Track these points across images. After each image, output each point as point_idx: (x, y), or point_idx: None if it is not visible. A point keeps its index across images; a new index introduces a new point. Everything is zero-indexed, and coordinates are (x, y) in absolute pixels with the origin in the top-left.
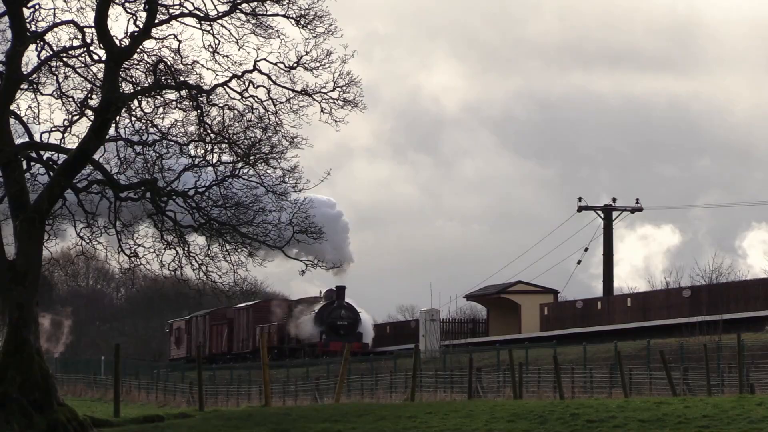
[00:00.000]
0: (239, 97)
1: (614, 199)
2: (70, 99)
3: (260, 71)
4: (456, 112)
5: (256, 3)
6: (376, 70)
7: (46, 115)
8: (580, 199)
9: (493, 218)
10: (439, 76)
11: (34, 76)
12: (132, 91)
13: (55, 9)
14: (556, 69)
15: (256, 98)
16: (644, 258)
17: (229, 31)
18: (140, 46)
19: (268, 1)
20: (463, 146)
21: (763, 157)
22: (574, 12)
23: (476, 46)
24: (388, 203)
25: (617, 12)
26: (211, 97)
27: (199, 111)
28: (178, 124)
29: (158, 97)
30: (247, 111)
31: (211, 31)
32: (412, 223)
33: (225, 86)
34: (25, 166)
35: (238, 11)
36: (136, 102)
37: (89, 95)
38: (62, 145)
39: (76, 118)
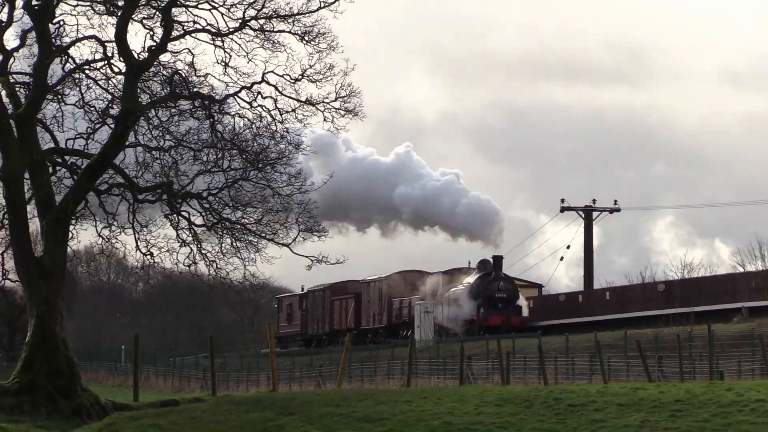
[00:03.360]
0: (248, 107)
1: (594, 201)
2: (93, 108)
3: (268, 83)
4: (434, 121)
5: (264, 20)
6: (356, 83)
7: (70, 123)
8: (562, 201)
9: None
10: (415, 89)
11: (59, 87)
12: (149, 101)
13: (78, 25)
14: (521, 81)
15: (264, 108)
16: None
17: (239, 45)
18: (157, 60)
19: (275, 19)
20: (441, 152)
21: (712, 162)
22: (532, 29)
23: (447, 61)
24: None
25: (572, 28)
26: (222, 106)
27: (211, 119)
28: (192, 131)
29: (174, 106)
30: (255, 119)
31: (222, 46)
32: None
33: (235, 96)
34: (51, 171)
35: (247, 27)
36: (153, 111)
37: (110, 105)
38: (85, 151)
39: (98, 126)
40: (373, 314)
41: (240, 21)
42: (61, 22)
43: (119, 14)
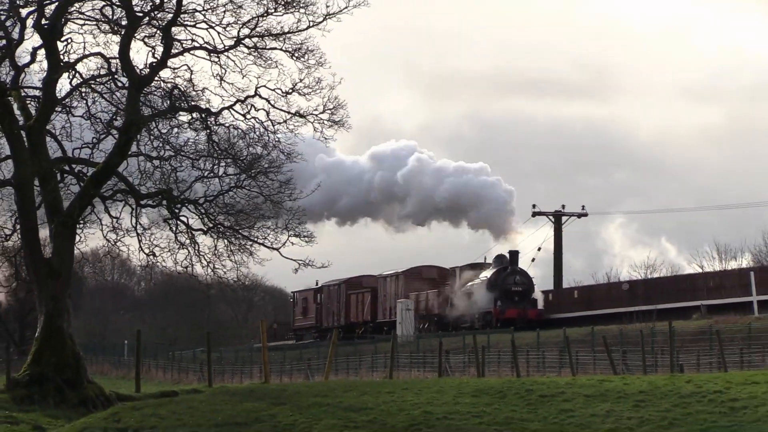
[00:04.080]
0: (242, 119)
1: (563, 206)
2: (98, 120)
3: (261, 96)
4: (412, 133)
5: (257, 38)
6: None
7: (77, 133)
8: (534, 206)
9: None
10: (395, 102)
11: (66, 100)
12: (151, 113)
13: (84, 42)
14: (493, 96)
15: (257, 119)
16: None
17: (234, 62)
18: (158, 75)
19: (267, 37)
20: None
21: (671, 170)
22: (503, 47)
23: (424, 77)
24: None
25: (540, 47)
26: (218, 118)
27: (208, 131)
28: (190, 141)
29: (173, 118)
30: (249, 130)
31: (218, 62)
32: None
33: (230, 109)
34: (59, 178)
35: (242, 45)
36: (154, 123)
37: (114, 117)
38: (91, 160)
39: (103, 136)
40: (389, 308)
41: (235, 39)
42: (69, 40)
43: (123, 33)
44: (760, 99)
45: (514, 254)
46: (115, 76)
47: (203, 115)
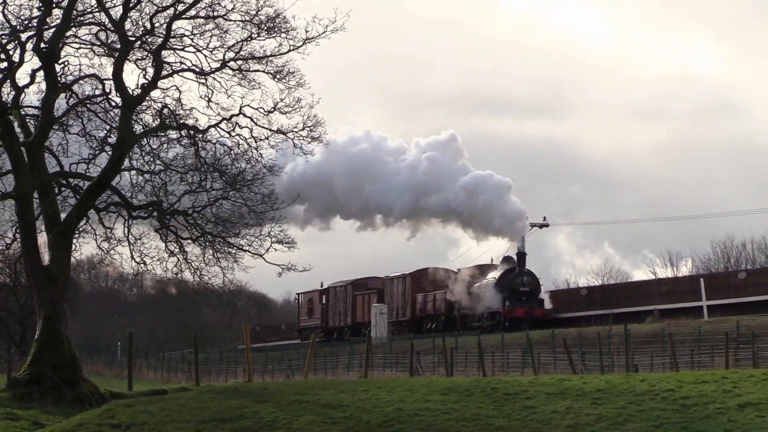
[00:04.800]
0: (228, 136)
1: (527, 216)
2: (93, 137)
3: (245, 115)
4: (387, 148)
5: (241, 61)
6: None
7: (73, 149)
8: None
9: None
10: (367, 119)
11: (63, 118)
12: (142, 131)
13: (80, 65)
14: (457, 114)
15: (241, 136)
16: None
17: (220, 83)
18: (149, 95)
19: (251, 60)
20: None
21: (623, 183)
22: (466, 69)
23: (394, 96)
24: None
25: (500, 69)
26: (205, 135)
27: (195, 147)
28: (179, 157)
29: (163, 135)
30: (234, 146)
31: (205, 83)
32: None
33: (216, 127)
34: (56, 191)
35: (227, 67)
36: (145, 140)
37: (108, 134)
38: (86, 174)
39: (97, 152)
40: (396, 308)
41: (221, 62)
42: (66, 63)
43: (116, 56)
44: (704, 118)
45: (522, 256)
46: (109, 96)
47: (191, 133)
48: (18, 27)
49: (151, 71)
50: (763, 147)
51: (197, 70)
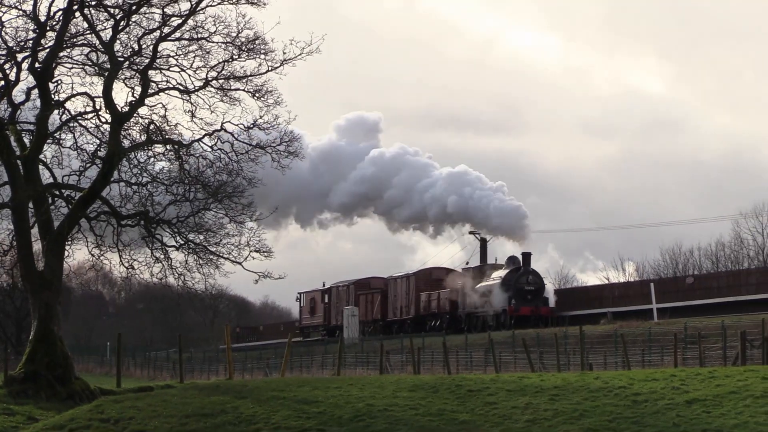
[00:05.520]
0: (210, 150)
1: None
2: (84, 151)
3: (226, 130)
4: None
5: (223, 80)
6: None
7: (66, 162)
8: (469, 226)
9: (383, 240)
10: (334, 135)
11: (57, 133)
12: (130, 145)
13: (72, 83)
14: (419, 130)
15: (223, 150)
16: None
17: (203, 100)
18: (136, 112)
19: (232, 79)
20: None
21: (574, 195)
22: (427, 87)
23: (358, 105)
24: None
25: (459, 87)
26: (189, 149)
27: (180, 160)
28: (165, 170)
29: (149, 150)
30: (216, 160)
31: (189, 101)
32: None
33: (199, 141)
34: (50, 201)
35: (210, 86)
36: (133, 153)
37: (98, 148)
38: (78, 186)
39: (88, 165)
40: (400, 307)
41: (204, 81)
42: (59, 81)
43: (106, 75)
44: (649, 134)
45: (527, 255)
46: (99, 113)
47: (176, 147)
48: (14, 48)
49: (138, 89)
50: (703, 161)
51: (182, 88)
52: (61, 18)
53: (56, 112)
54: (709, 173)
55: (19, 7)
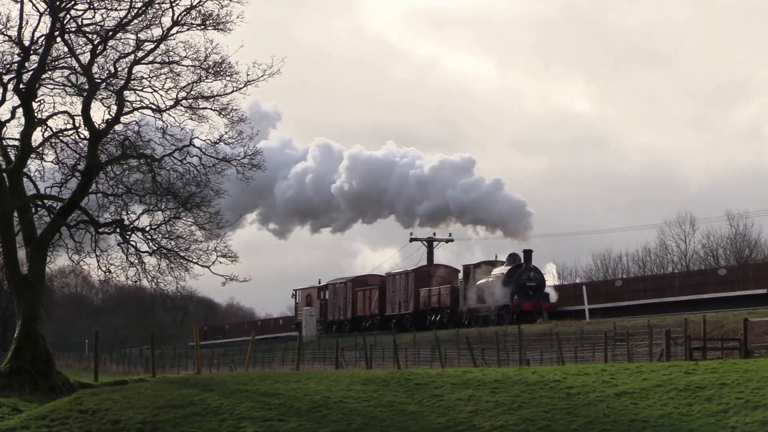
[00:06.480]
0: (180, 164)
1: (434, 233)
2: (65, 164)
3: (194, 145)
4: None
5: (192, 100)
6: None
7: (48, 175)
8: (411, 233)
9: (332, 248)
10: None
11: (39, 148)
12: (107, 159)
13: (54, 103)
14: (367, 146)
15: (191, 164)
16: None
17: (173, 118)
18: (112, 129)
19: (200, 99)
20: None
21: None
22: (374, 104)
23: (313, 129)
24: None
25: (404, 104)
26: (161, 163)
27: (152, 173)
28: (138, 182)
29: (125, 163)
30: (185, 173)
31: (161, 119)
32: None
33: (170, 156)
34: (33, 211)
35: (180, 105)
36: (109, 167)
37: (77, 162)
38: (59, 196)
39: (68, 177)
40: (399, 302)
41: (174, 100)
42: (42, 101)
43: (85, 95)
44: (577, 150)
45: (528, 252)
46: (78, 130)
47: (149, 161)
48: (0, 71)
49: (114, 108)
50: (626, 174)
51: (154, 107)
52: (43, 43)
53: (39, 129)
54: (632, 185)
55: (4, 32)
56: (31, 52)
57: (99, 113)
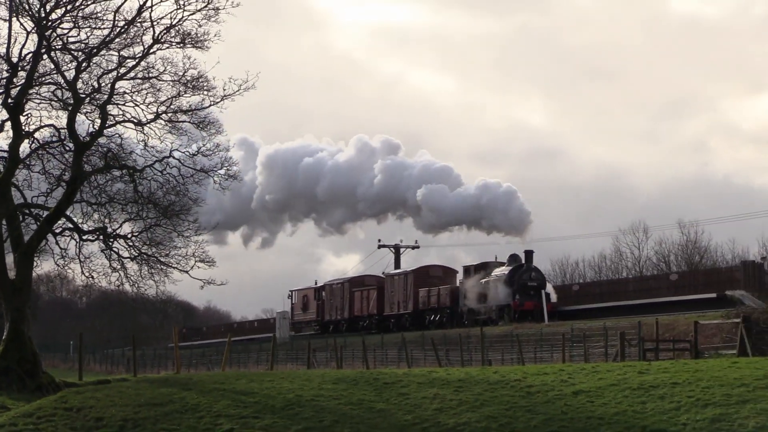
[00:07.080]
0: (160, 174)
1: (401, 240)
2: (51, 175)
3: (174, 157)
4: None
5: (171, 114)
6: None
7: (35, 185)
8: (379, 240)
9: (300, 255)
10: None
11: (27, 159)
12: (91, 170)
13: (41, 116)
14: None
15: (171, 174)
16: None
17: (154, 131)
18: (96, 141)
19: (179, 113)
20: None
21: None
22: (339, 118)
23: (282, 139)
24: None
25: (366, 117)
26: (142, 174)
27: (134, 183)
28: (121, 191)
29: (108, 174)
30: (165, 183)
31: (142, 131)
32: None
33: (151, 167)
34: (21, 218)
35: (160, 119)
36: (93, 177)
37: (63, 172)
38: (45, 205)
39: (54, 187)
40: (397, 302)
41: (155, 114)
42: (29, 114)
43: (70, 109)
44: (533, 162)
45: (530, 253)
46: (64, 142)
47: (131, 171)
48: None
49: (98, 122)
50: (580, 185)
51: (135, 121)
52: (30, 60)
53: (26, 141)
54: (587, 195)
55: None
56: (19, 69)
57: (83, 126)
